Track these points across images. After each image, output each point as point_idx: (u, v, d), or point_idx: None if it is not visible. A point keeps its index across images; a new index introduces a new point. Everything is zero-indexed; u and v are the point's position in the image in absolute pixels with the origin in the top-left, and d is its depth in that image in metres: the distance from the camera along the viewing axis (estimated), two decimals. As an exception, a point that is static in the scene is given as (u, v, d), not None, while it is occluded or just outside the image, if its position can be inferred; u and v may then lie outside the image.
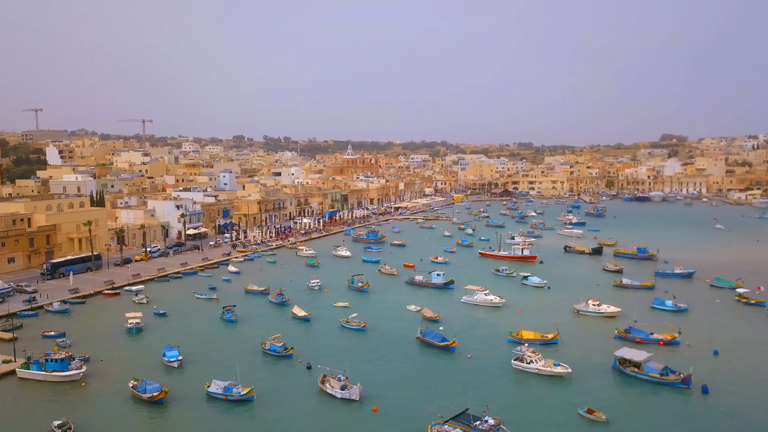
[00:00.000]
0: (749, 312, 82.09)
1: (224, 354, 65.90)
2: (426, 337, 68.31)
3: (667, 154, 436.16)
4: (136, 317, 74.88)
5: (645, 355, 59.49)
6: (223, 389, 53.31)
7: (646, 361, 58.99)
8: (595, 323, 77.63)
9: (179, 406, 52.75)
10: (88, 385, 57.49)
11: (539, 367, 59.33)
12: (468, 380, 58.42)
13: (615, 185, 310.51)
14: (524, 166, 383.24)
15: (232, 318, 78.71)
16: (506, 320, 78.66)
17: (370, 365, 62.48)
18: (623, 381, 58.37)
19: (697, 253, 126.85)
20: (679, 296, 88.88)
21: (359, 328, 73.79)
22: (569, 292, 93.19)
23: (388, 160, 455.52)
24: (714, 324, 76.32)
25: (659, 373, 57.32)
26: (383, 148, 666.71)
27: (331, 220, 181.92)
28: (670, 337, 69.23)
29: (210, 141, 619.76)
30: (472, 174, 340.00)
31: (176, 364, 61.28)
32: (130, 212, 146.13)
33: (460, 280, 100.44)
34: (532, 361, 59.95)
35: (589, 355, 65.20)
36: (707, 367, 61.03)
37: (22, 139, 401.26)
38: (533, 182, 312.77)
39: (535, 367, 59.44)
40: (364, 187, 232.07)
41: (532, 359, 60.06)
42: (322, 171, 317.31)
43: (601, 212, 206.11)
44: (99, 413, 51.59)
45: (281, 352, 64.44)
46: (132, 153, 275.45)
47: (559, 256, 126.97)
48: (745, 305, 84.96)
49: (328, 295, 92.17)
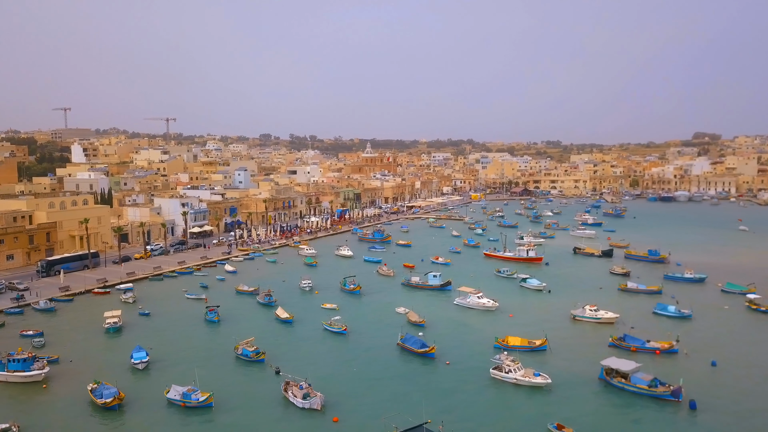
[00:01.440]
0: (759, 319, 77.18)
1: (196, 357, 63.99)
2: (405, 344, 65.38)
3: (697, 153, 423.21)
4: (114, 317, 73.58)
5: (633, 365, 55.64)
6: (182, 395, 51.31)
7: (634, 372, 55.19)
8: (591, 330, 73.70)
9: (136, 411, 50.89)
10: (50, 386, 56.17)
11: (517, 377, 55.98)
12: (442, 389, 55.39)
13: (640, 185, 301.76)
14: (548, 164, 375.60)
15: (214, 319, 76.92)
16: (496, 325, 75.24)
17: (343, 371, 59.89)
18: (608, 393, 54.66)
19: (714, 256, 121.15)
20: (687, 301, 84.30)
21: (339, 331, 71.23)
22: (570, 295, 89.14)
23: (410, 158, 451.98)
24: (717, 332, 71.74)
25: (647, 385, 53.49)
26: (408, 147, 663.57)
27: (340, 218, 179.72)
28: (668, 346, 65.05)
29: (237, 139, 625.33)
30: (492, 173, 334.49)
31: (141, 367, 59.57)
32: (136, 210, 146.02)
33: (460, 282, 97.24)
34: (510, 371, 56.61)
35: (577, 364, 61.54)
36: (702, 379, 56.99)
37: (51, 137, 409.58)
38: (555, 181, 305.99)
39: (513, 377, 56.11)
40: (378, 186, 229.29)
41: (511, 368, 56.71)
42: (341, 169, 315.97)
43: (620, 212, 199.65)
44: (51, 417, 50.06)
45: (252, 357, 62.24)
46: (151, 151, 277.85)
47: (567, 258, 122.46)
48: (755, 312, 80.00)
49: (317, 297, 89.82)
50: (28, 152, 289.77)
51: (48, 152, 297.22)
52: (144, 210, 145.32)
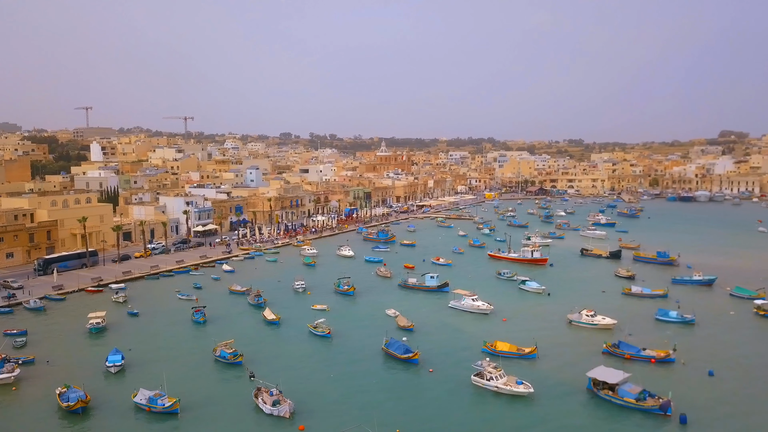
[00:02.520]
0: (766, 326, 73.39)
1: (174, 359, 62.71)
2: (389, 349, 63.18)
3: (721, 152, 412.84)
4: (98, 317, 72.67)
5: (621, 376, 52.73)
6: (148, 399, 49.86)
7: (622, 383, 52.32)
8: (587, 336, 70.66)
9: (101, 416, 49.57)
10: (20, 389, 55.16)
11: (498, 385, 53.49)
12: (420, 397, 53.20)
13: (660, 184, 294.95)
14: (566, 163, 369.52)
15: (200, 320, 75.62)
16: (488, 329, 72.68)
17: (321, 377, 57.97)
18: (594, 405, 51.86)
19: (727, 259, 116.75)
20: (693, 306, 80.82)
21: (323, 334, 69.35)
22: (570, 299, 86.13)
23: (427, 157, 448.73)
24: (720, 339, 68.31)
25: (635, 398, 50.58)
26: (428, 145, 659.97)
27: (348, 218, 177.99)
28: (664, 354, 61.91)
29: (257, 138, 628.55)
30: (509, 171, 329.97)
31: (114, 370, 58.31)
32: (141, 208, 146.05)
33: (459, 283, 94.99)
34: (492, 378, 54.16)
35: (566, 372, 58.73)
36: (697, 390, 53.92)
37: (73, 136, 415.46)
38: (572, 180, 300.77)
39: (494, 385, 53.66)
40: (389, 185, 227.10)
41: (493, 375, 54.25)
42: (356, 168, 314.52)
43: (635, 212, 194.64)
44: (16, 421, 48.97)
45: (230, 360, 60.70)
46: (166, 150, 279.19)
47: (574, 260, 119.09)
48: (763, 318, 76.22)
49: (308, 298, 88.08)
50: (48, 151, 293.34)
51: (65, 151, 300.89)
52: (149, 208, 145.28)
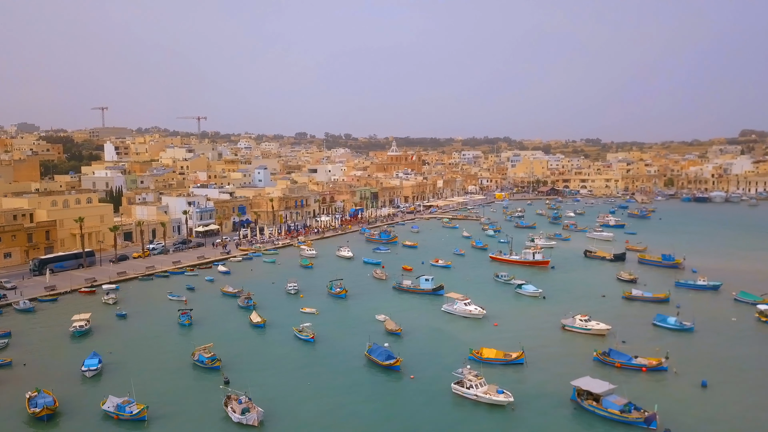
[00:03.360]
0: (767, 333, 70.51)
1: (151, 363, 61.67)
2: (372, 354, 61.55)
3: (740, 151, 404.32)
4: (82, 319, 72.00)
5: (606, 386, 50.47)
6: (116, 407, 48.78)
7: (606, 394, 50.12)
8: (579, 342, 68.34)
9: (67, 424, 48.57)
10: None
11: (477, 393, 51.60)
12: (397, 406, 51.48)
13: (675, 184, 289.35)
14: (580, 163, 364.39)
15: (185, 322, 74.63)
16: (478, 334, 70.78)
17: (298, 383, 56.47)
18: (577, 416, 49.74)
19: (736, 262, 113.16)
20: (695, 311, 78.34)
21: (307, 339, 67.91)
22: (567, 303, 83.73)
23: (440, 156, 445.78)
24: (718, 347, 65.58)
25: (619, 410, 48.36)
26: (443, 145, 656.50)
27: (353, 218, 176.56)
28: (656, 363, 59.45)
29: (273, 138, 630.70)
30: (521, 171, 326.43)
31: (90, 374, 57.40)
32: (144, 208, 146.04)
33: (455, 286, 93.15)
34: (471, 386, 52.29)
35: (553, 381, 56.50)
36: (687, 402, 51.59)
37: (89, 136, 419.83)
38: (585, 180, 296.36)
39: (474, 394, 51.80)
40: (397, 185, 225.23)
41: (473, 384, 52.37)
42: (367, 168, 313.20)
43: (645, 213, 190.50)
44: (-19, 427, 48.26)
45: (207, 364, 59.50)
46: (176, 149, 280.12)
47: (577, 262, 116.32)
48: (764, 324, 73.26)
49: (300, 301, 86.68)
50: (62, 150, 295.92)
51: (78, 150, 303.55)
52: (151, 209, 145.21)
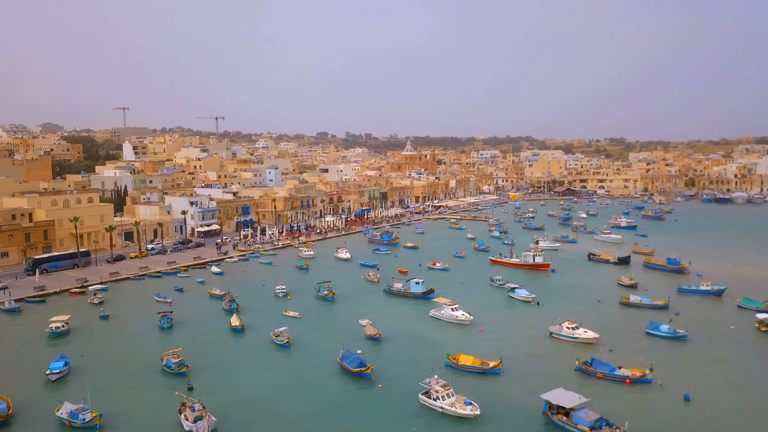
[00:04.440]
0: (765, 343, 66.77)
1: (120, 367, 60.56)
2: (344, 361, 59.62)
3: (767, 150, 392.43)
4: (60, 321, 71.41)
5: (577, 400, 47.82)
6: (69, 413, 47.66)
7: (578, 409, 47.50)
8: (565, 350, 65.50)
9: (20, 430, 47.64)
10: (-46, 396, 53.86)
11: (444, 405, 49.36)
12: (361, 418, 49.50)
13: (696, 184, 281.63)
14: (600, 162, 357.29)
15: (165, 325, 73.57)
16: (460, 341, 68.41)
17: (262, 391, 54.78)
18: (545, 431, 47.26)
19: (748, 266, 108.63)
20: (695, 318, 75.34)
21: (283, 344, 66.28)
22: (561, 309, 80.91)
23: (458, 156, 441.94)
24: (709, 358, 62.21)
25: (589, 426, 45.65)
26: (464, 144, 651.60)
27: (358, 218, 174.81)
28: (640, 374, 56.49)
29: (294, 137, 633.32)
30: (539, 171, 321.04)
31: (53, 378, 56.49)
32: (147, 208, 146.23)
33: (450, 290, 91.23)
34: (438, 397, 50.07)
35: (528, 392, 53.72)
36: (666, 418, 48.65)
37: (111, 135, 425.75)
38: (603, 180, 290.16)
39: (440, 405, 49.57)
40: (407, 185, 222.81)
41: (440, 395, 50.14)
42: (381, 168, 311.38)
43: (660, 215, 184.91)
44: (-67, 432, 47.55)
45: (174, 370, 58.20)
46: (190, 149, 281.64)
47: (580, 265, 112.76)
48: (763, 334, 69.52)
49: (286, 303, 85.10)
50: (82, 150, 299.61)
51: (96, 150, 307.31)
52: (154, 208, 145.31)
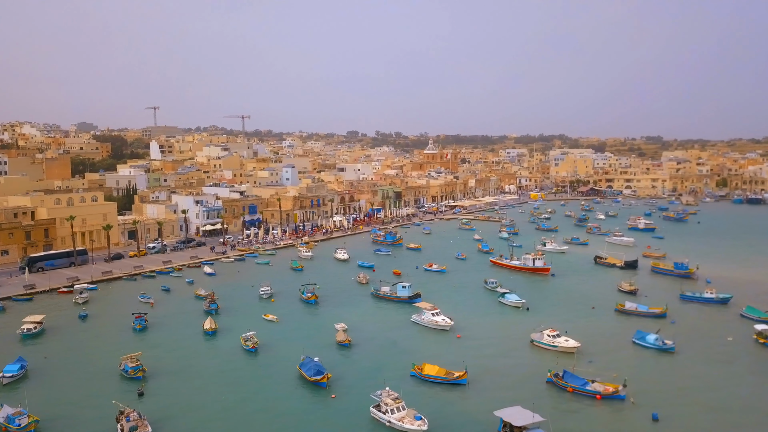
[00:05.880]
0: (761, 358, 61.95)
1: (78, 371, 59.56)
2: (302, 368, 57.42)
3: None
4: (32, 322, 71.04)
5: (530, 419, 44.45)
6: (6, 418, 46.64)
7: (530, 428, 44.25)
8: (545, 359, 61.89)
9: (-42, 433, 46.89)
10: None
11: (392, 419, 46.74)
12: (305, 429, 47.29)
13: (728, 185, 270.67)
14: (630, 161, 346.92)
15: (137, 327, 72.57)
16: (435, 348, 65.65)
17: (211, 399, 52.94)
18: (495, 451, 44.26)
19: (760, 272, 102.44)
20: (690, 328, 70.90)
21: (248, 349, 64.49)
22: (551, 315, 77.32)
23: (484, 154, 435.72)
24: (693, 374, 57.90)
25: (538, 447, 42.59)
26: (495, 142, 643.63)
27: (368, 218, 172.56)
28: (612, 390, 52.80)
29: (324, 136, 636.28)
30: (564, 170, 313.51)
31: (5, 381, 55.74)
32: (154, 207, 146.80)
33: (440, 293, 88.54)
34: (388, 411, 47.45)
35: (489, 406, 49.75)
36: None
37: (142, 134, 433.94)
38: (630, 180, 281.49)
39: (388, 419, 46.96)
40: (423, 184, 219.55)
41: (389, 408, 47.51)
42: (403, 167, 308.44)
43: (682, 216, 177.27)
44: None
45: (130, 374, 56.89)
46: (212, 148, 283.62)
47: (585, 269, 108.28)
48: (762, 347, 64.69)
49: (269, 306, 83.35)
50: (110, 149, 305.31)
51: (122, 149, 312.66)
52: (160, 207, 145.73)
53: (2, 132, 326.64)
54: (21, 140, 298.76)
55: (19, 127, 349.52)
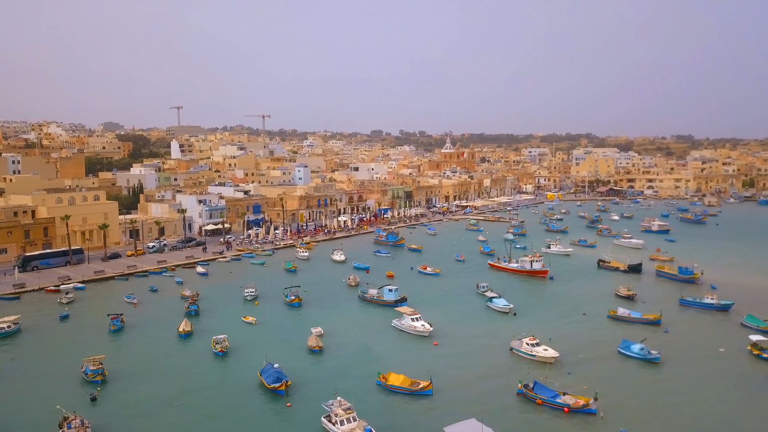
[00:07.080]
0: (752, 373, 58.07)
1: (41, 373, 58.79)
2: (262, 375, 55.67)
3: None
4: (5, 322, 70.71)
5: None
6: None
7: (484, 443, 41.82)
8: (520, 369, 58.94)
9: None
10: None
11: (340, 430, 44.65)
12: (252, 439, 45.61)
13: (756, 185, 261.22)
14: (654, 161, 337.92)
15: (111, 328, 71.72)
16: (409, 355, 63.38)
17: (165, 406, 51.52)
18: (446, 468, 41.81)
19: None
20: (682, 337, 67.41)
21: (217, 353, 63.04)
22: (539, 321, 74.42)
23: (505, 154, 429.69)
24: (674, 388, 54.42)
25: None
26: (520, 141, 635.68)
27: (376, 218, 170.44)
28: (582, 403, 49.86)
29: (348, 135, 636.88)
30: (585, 170, 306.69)
31: (-34, 383, 55.36)
32: (158, 206, 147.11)
33: (430, 297, 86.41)
34: (338, 422, 45.38)
35: (450, 420, 47.43)
36: (592, 457, 42.18)
37: (166, 134, 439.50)
38: (652, 180, 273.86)
39: (336, 430, 44.89)
40: (435, 183, 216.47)
41: (338, 419, 45.43)
42: (420, 166, 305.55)
43: (701, 218, 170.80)
44: None
45: (90, 377, 55.84)
46: (228, 147, 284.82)
47: (587, 273, 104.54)
48: (757, 360, 60.80)
49: (251, 308, 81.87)
50: (132, 148, 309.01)
51: (141, 148, 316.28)
52: (164, 206, 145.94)
53: (29, 131, 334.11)
54: (45, 140, 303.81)
55: (46, 126, 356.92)
